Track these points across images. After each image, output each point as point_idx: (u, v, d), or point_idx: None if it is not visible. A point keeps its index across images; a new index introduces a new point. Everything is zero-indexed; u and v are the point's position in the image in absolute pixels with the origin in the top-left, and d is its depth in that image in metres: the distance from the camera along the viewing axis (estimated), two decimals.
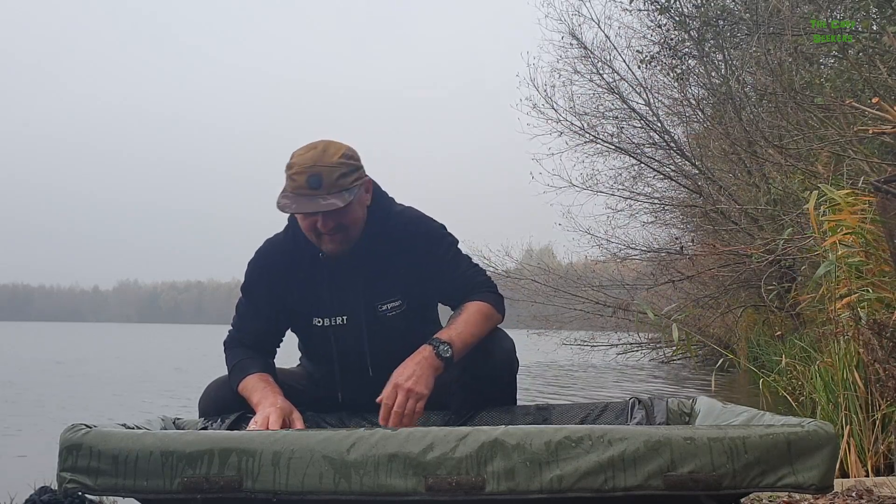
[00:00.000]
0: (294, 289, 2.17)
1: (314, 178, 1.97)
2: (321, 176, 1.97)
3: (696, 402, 2.11)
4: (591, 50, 13.01)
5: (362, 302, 2.14)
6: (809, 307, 6.15)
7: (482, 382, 2.12)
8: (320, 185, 1.97)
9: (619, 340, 15.45)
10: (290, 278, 2.17)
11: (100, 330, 60.78)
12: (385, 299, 2.15)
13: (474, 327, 2.05)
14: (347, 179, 2.00)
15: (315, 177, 1.97)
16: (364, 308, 2.14)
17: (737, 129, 8.73)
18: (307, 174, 1.97)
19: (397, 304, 2.15)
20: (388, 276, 2.14)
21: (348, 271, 2.13)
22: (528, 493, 1.42)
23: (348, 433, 1.49)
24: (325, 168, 1.98)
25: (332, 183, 1.98)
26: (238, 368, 2.14)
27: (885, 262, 3.64)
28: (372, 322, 2.15)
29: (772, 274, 8.93)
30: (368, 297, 2.14)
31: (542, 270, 15.05)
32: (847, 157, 5.19)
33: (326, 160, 1.99)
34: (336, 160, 2.00)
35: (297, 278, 2.17)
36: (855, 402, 3.50)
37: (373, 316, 2.15)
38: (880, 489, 2.67)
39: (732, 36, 9.36)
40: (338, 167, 1.99)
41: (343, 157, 2.01)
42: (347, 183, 2.00)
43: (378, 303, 2.15)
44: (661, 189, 14.09)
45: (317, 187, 1.97)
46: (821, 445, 1.43)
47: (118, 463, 1.51)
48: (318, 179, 1.97)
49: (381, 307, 2.15)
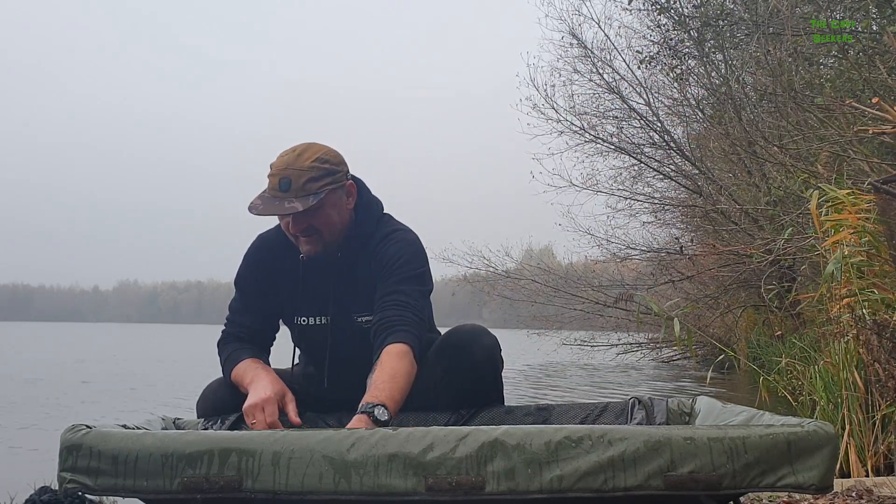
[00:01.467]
0: (281, 285, 2.22)
1: (284, 181, 2.03)
2: (290, 179, 2.02)
3: (696, 402, 2.11)
4: (591, 49, 13.01)
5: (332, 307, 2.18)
6: (809, 307, 6.16)
7: (466, 382, 2.13)
8: (288, 189, 2.02)
9: (619, 340, 15.45)
10: (277, 274, 2.21)
11: (100, 330, 60.78)
12: (360, 312, 2.16)
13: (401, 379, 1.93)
14: (316, 184, 2.04)
15: (285, 180, 2.03)
16: (335, 312, 2.18)
17: (737, 129, 8.72)
18: (279, 177, 2.03)
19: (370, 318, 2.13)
20: (364, 289, 2.15)
21: (327, 275, 2.17)
22: (528, 493, 1.42)
23: (348, 433, 1.49)
24: (294, 171, 2.02)
25: (299, 187, 2.02)
26: (230, 360, 2.16)
27: (886, 262, 3.64)
28: (348, 327, 2.17)
29: (772, 274, 8.92)
30: (343, 303, 2.17)
31: (542, 270, 15.04)
32: (847, 157, 5.19)
33: (298, 164, 2.04)
34: (308, 164, 2.04)
35: (284, 275, 2.21)
36: (855, 403, 3.50)
37: (347, 323, 2.18)
38: (880, 489, 2.67)
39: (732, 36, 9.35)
40: (308, 171, 2.03)
41: (317, 160, 2.05)
42: (315, 187, 2.03)
43: (354, 312, 2.17)
44: (661, 189, 14.11)
45: (285, 190, 2.02)
46: (821, 445, 1.43)
47: (118, 463, 1.51)
48: (288, 182, 2.02)
49: (357, 318, 2.17)
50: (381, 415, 1.83)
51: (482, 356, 2.14)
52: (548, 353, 15.10)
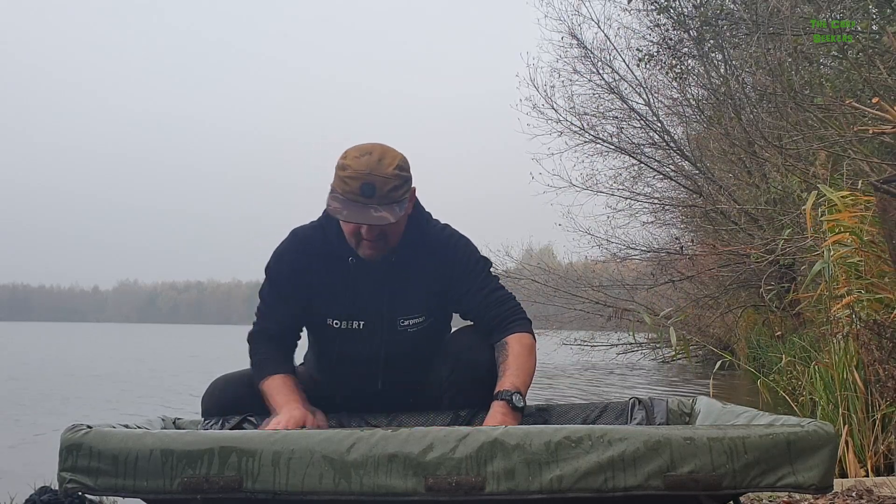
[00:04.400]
0: (315, 285, 2.14)
1: (368, 187, 1.94)
2: (375, 186, 1.94)
3: (696, 402, 2.11)
4: (591, 50, 13.03)
5: (385, 312, 2.12)
6: (809, 307, 6.16)
7: (473, 381, 2.11)
8: (373, 195, 1.94)
9: (618, 340, 15.45)
10: (312, 274, 2.14)
11: (100, 330, 60.74)
12: (408, 314, 2.13)
13: (528, 367, 2.03)
14: (399, 192, 1.98)
15: (369, 185, 1.94)
16: (385, 319, 2.13)
17: (736, 129, 8.73)
18: (361, 181, 1.94)
19: (420, 321, 2.14)
20: (415, 290, 2.12)
21: (375, 279, 2.11)
22: (528, 493, 1.42)
23: (348, 433, 1.49)
24: (379, 178, 1.95)
25: (384, 194, 1.95)
26: (262, 365, 2.12)
27: (884, 263, 3.64)
28: (390, 334, 2.13)
29: (771, 274, 8.93)
30: (391, 309, 2.13)
31: (542, 270, 15.05)
32: (847, 157, 5.19)
33: (382, 170, 1.96)
34: (391, 171, 1.97)
35: (320, 275, 2.14)
36: (854, 403, 3.51)
37: (392, 328, 2.13)
38: (880, 489, 2.67)
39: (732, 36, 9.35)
40: (392, 179, 1.97)
41: (397, 167, 1.99)
42: (399, 195, 1.98)
43: (400, 317, 2.13)
44: (661, 189, 14.13)
45: (369, 196, 1.94)
46: (820, 445, 1.43)
47: (118, 463, 1.51)
48: (372, 189, 1.94)
49: (403, 322, 2.13)
50: (518, 402, 1.92)
51: (491, 358, 2.13)
52: (548, 353, 15.10)
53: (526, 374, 2.01)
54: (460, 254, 2.15)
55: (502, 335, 2.08)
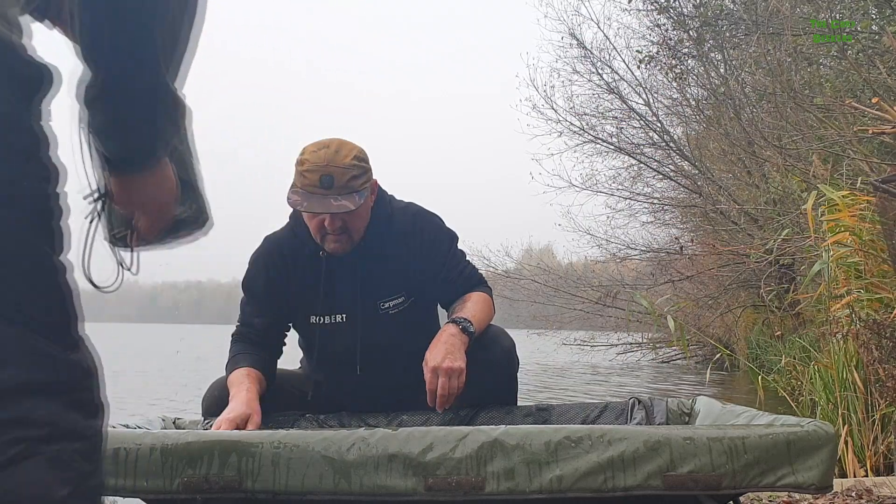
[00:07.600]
0: (293, 286, 2.19)
1: (327, 178, 1.99)
2: (333, 176, 1.99)
3: (696, 402, 2.11)
4: (591, 50, 13.03)
5: (360, 301, 2.16)
6: (809, 307, 6.16)
7: (483, 380, 2.12)
8: (332, 186, 1.99)
9: (618, 340, 15.45)
10: (289, 275, 2.19)
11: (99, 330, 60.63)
12: (387, 297, 2.17)
13: (482, 313, 2.14)
14: (358, 181, 2.02)
15: (328, 176, 1.99)
16: (363, 307, 2.16)
17: (736, 129, 8.73)
18: (320, 173, 1.99)
19: (400, 301, 2.19)
20: (391, 272, 2.16)
21: (348, 270, 2.16)
22: (528, 493, 1.42)
23: (348, 433, 1.49)
24: (337, 169, 2.00)
25: (343, 184, 2.00)
26: (230, 363, 2.17)
27: (883, 262, 3.64)
28: (371, 320, 2.17)
29: (771, 274, 8.94)
30: (369, 295, 2.17)
31: (541, 270, 15.05)
32: (846, 157, 5.19)
33: (339, 161, 2.01)
34: (348, 161, 2.02)
35: (296, 276, 2.19)
36: (854, 402, 3.51)
37: (373, 314, 2.17)
38: (880, 489, 2.67)
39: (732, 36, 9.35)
40: (350, 169, 2.01)
41: (355, 158, 2.04)
42: (358, 185, 2.02)
43: (380, 300, 2.17)
44: (661, 189, 14.13)
45: (328, 187, 1.99)
46: (820, 445, 1.43)
47: (118, 463, 1.51)
48: (331, 180, 1.99)
49: (384, 305, 2.18)
50: (468, 326, 2.04)
51: (501, 357, 2.16)
52: (548, 353, 15.09)
53: (482, 313, 2.13)
54: (434, 240, 2.21)
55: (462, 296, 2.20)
